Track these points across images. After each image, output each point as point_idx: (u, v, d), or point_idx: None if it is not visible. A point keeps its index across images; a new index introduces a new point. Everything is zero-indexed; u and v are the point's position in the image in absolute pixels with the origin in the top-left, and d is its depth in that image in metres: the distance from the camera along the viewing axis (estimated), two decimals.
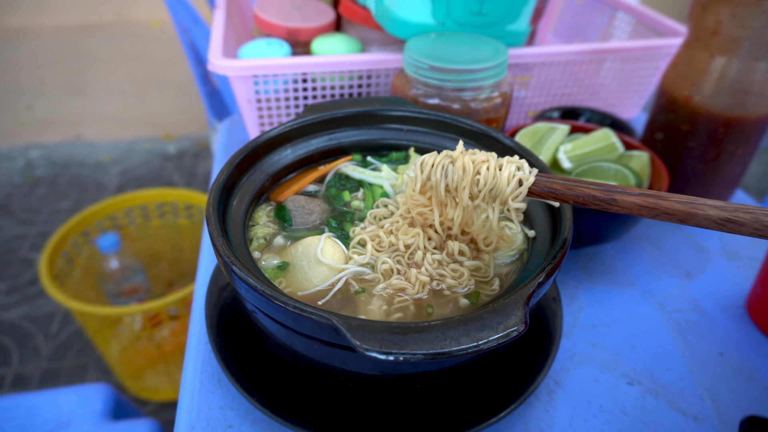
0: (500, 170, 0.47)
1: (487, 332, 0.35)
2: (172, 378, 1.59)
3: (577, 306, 0.66)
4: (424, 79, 0.66)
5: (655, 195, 0.41)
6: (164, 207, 1.72)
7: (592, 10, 1.11)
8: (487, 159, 0.48)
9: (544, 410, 0.53)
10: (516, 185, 0.46)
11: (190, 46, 1.45)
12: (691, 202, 0.39)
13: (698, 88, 0.71)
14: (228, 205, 0.51)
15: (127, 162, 2.75)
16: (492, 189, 0.47)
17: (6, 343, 1.76)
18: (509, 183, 0.46)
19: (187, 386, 0.54)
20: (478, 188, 0.47)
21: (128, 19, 2.59)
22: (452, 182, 0.48)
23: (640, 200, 0.41)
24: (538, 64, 0.86)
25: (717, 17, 0.66)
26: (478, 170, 0.47)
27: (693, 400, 0.55)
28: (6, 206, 2.40)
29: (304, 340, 0.43)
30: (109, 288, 1.60)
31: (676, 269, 0.72)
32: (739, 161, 0.75)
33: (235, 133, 0.99)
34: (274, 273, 0.49)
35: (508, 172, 0.46)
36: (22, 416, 0.93)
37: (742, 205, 0.37)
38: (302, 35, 0.85)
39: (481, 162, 0.47)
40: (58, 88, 2.70)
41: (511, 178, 0.46)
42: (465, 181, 0.48)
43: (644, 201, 0.41)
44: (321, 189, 0.60)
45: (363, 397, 0.48)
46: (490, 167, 0.47)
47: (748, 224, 0.36)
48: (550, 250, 0.46)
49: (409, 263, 0.51)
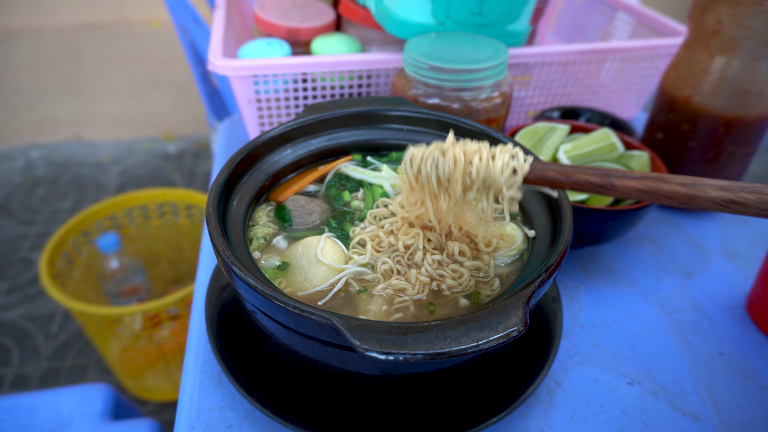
0: (493, 159, 0.45)
1: (487, 332, 0.35)
2: (172, 378, 1.59)
3: (577, 306, 0.66)
4: (424, 79, 0.66)
5: (656, 177, 0.39)
6: (164, 207, 1.72)
7: (592, 10, 1.11)
8: (479, 149, 0.46)
9: (544, 410, 0.53)
10: (510, 174, 0.45)
11: (190, 46, 1.45)
12: (694, 183, 0.37)
13: (698, 88, 0.71)
14: (228, 205, 0.51)
15: (127, 162, 2.75)
16: (485, 179, 0.46)
17: (6, 343, 1.76)
18: (503, 172, 0.45)
19: (187, 386, 0.54)
20: (471, 179, 0.46)
21: (128, 19, 2.59)
22: (443, 174, 0.47)
23: (639, 184, 0.39)
24: (538, 64, 0.86)
25: (717, 17, 0.66)
26: (470, 160, 0.46)
27: (693, 400, 0.55)
28: (6, 206, 2.40)
29: (304, 340, 0.43)
30: (109, 288, 1.60)
31: (676, 269, 0.72)
32: (739, 161, 0.75)
33: (235, 133, 0.99)
34: (273, 273, 0.49)
35: (501, 161, 0.45)
36: (22, 416, 0.93)
37: (747, 184, 0.36)
38: (302, 35, 0.85)
39: (473, 152, 0.46)
40: (58, 88, 2.70)
41: (505, 167, 0.45)
42: (457, 172, 0.46)
43: (644, 185, 0.39)
44: (321, 189, 0.60)
45: (363, 397, 0.48)
46: (482, 157, 0.45)
47: (753, 204, 0.35)
48: (550, 250, 0.46)
49: (409, 264, 0.51)
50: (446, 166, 0.47)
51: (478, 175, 0.46)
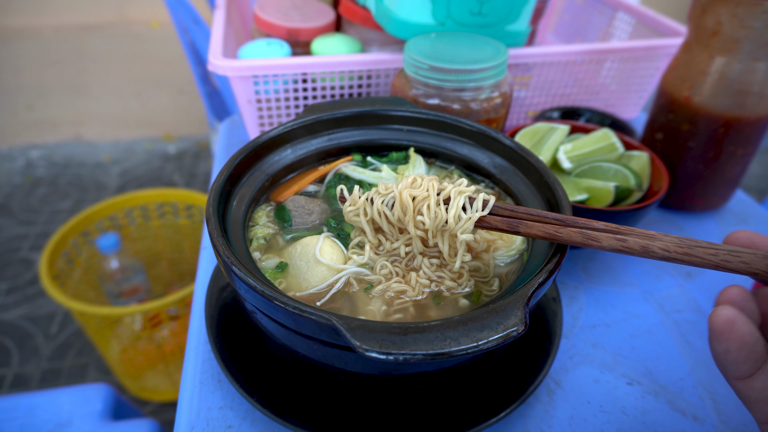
0: (446, 205, 0.46)
1: (486, 332, 0.35)
2: (172, 378, 1.59)
3: (577, 306, 0.66)
4: (424, 79, 0.66)
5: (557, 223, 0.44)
6: (164, 207, 1.72)
7: (592, 10, 1.11)
8: (428, 195, 0.47)
9: (544, 410, 0.53)
10: (464, 222, 0.46)
11: (190, 46, 1.45)
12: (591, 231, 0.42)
13: (698, 88, 0.71)
14: (228, 206, 0.51)
15: (127, 162, 2.75)
16: (438, 224, 0.47)
17: (6, 343, 1.76)
18: (456, 223, 0.46)
19: (187, 386, 0.54)
20: (423, 227, 0.47)
21: (128, 19, 2.59)
22: (394, 219, 0.49)
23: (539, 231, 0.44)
24: (538, 64, 0.86)
25: (717, 18, 0.66)
26: (419, 210, 0.47)
27: (693, 400, 0.55)
28: (6, 206, 2.40)
29: (303, 341, 0.43)
30: (109, 288, 1.60)
31: (676, 269, 0.72)
32: (739, 161, 0.75)
33: (235, 133, 0.99)
34: (273, 273, 0.49)
35: (454, 211, 0.46)
36: (22, 416, 0.93)
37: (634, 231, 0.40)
38: (302, 35, 0.85)
39: (421, 200, 0.47)
40: (59, 88, 2.70)
41: (458, 219, 0.46)
42: (407, 218, 0.48)
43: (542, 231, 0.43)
44: (321, 189, 0.60)
45: (363, 397, 0.48)
46: (430, 206, 0.46)
47: (636, 249, 0.39)
48: (550, 250, 0.46)
49: (409, 266, 0.50)
50: (395, 213, 0.48)
51: (425, 225, 0.47)
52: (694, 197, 0.79)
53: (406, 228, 0.49)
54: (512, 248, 0.52)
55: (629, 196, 0.68)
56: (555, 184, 0.51)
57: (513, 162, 0.58)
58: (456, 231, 0.46)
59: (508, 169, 0.58)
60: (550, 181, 0.52)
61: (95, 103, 2.78)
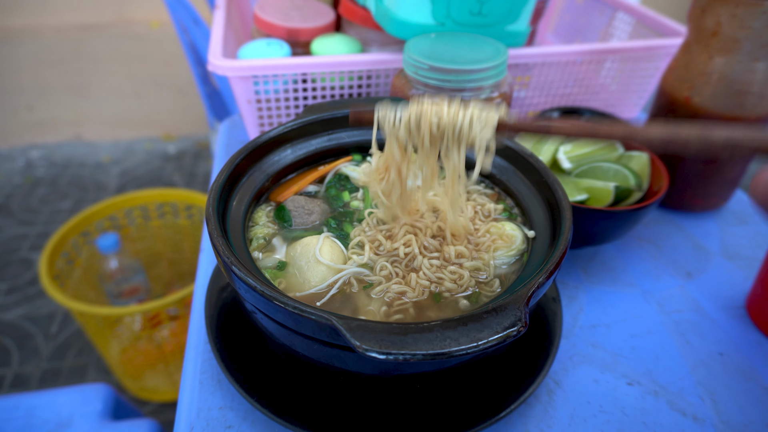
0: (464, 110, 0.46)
1: (486, 333, 0.35)
2: (172, 378, 1.59)
3: (577, 306, 0.66)
4: (424, 79, 0.66)
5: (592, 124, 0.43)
6: (164, 207, 1.72)
7: (592, 10, 1.11)
8: (449, 103, 0.47)
9: (544, 410, 0.53)
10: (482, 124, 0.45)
11: (190, 46, 1.45)
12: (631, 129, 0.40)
13: (698, 88, 0.71)
14: (228, 206, 0.51)
15: (127, 162, 2.75)
16: (455, 127, 0.46)
17: (6, 343, 1.76)
18: (473, 122, 0.45)
19: (187, 386, 0.54)
20: (439, 128, 0.46)
21: (128, 20, 2.59)
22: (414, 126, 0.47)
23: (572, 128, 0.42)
24: (538, 64, 0.86)
25: (717, 18, 0.66)
26: (439, 113, 0.46)
27: (693, 400, 0.55)
28: (6, 206, 2.40)
29: (303, 341, 0.43)
30: (109, 288, 1.60)
31: (676, 269, 0.72)
32: (739, 161, 0.75)
33: (235, 133, 0.99)
34: (273, 273, 0.49)
35: (471, 110, 0.45)
36: (22, 416, 0.93)
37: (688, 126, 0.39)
38: (302, 36, 0.85)
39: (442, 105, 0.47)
40: (59, 88, 2.70)
41: (476, 117, 0.45)
42: (424, 121, 0.46)
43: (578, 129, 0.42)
44: (321, 189, 0.60)
45: (363, 397, 0.48)
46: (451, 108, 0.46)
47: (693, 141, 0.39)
48: (550, 250, 0.46)
49: (409, 267, 0.51)
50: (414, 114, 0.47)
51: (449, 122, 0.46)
52: (694, 197, 0.79)
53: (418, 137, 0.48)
54: (512, 248, 0.52)
55: (629, 196, 0.68)
56: (555, 184, 0.51)
57: (513, 162, 0.58)
58: (476, 129, 0.45)
59: (508, 169, 0.59)
60: (549, 181, 0.52)
61: (95, 103, 2.78)
